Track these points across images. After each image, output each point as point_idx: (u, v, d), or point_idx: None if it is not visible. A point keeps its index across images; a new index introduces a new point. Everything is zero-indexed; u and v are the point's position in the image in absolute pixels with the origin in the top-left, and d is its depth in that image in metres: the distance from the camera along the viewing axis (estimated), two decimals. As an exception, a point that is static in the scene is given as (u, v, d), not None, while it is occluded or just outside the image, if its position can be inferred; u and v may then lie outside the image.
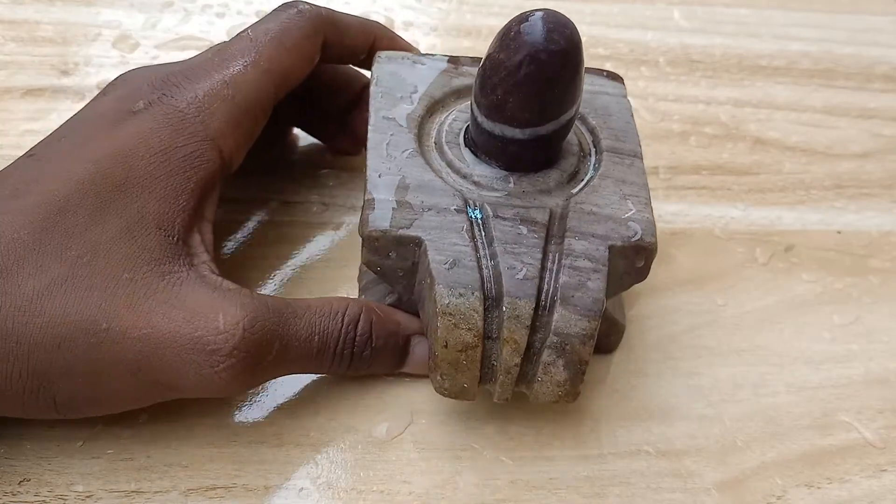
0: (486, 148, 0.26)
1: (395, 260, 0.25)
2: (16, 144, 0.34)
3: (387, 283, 0.26)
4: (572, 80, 0.24)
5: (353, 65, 0.31)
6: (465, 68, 0.29)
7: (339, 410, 0.27)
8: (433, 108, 0.28)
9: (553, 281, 0.24)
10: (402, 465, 0.27)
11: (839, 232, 0.36)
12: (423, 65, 0.29)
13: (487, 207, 0.25)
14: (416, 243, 0.24)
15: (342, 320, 0.25)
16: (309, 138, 0.35)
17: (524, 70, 0.23)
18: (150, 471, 0.25)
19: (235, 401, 0.27)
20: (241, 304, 0.23)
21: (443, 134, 0.27)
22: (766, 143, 0.39)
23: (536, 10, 0.23)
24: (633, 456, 0.27)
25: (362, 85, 0.32)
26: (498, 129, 0.25)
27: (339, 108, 0.32)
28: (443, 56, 0.29)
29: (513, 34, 0.23)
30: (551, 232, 0.25)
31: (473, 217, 0.25)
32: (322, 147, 0.35)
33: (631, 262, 0.25)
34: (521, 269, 0.24)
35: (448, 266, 0.24)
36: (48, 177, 0.24)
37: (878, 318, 0.33)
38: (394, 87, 0.28)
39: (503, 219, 0.25)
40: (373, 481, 0.26)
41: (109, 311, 0.22)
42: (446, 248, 0.24)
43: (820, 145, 0.39)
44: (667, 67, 0.43)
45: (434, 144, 0.27)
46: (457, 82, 0.29)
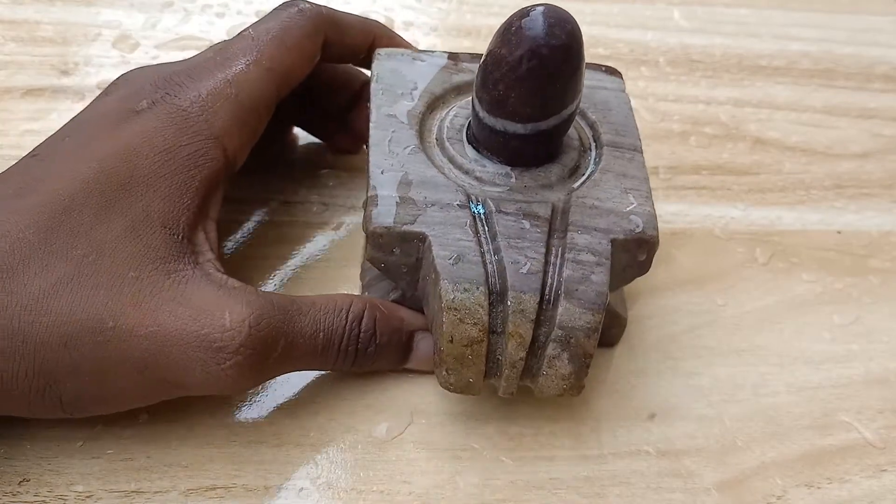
0: (487, 143, 0.26)
1: (399, 256, 0.25)
2: (16, 144, 0.34)
3: (390, 279, 0.26)
4: (573, 75, 0.24)
5: (353, 64, 0.31)
6: (465, 65, 0.29)
7: (339, 410, 0.27)
8: (434, 104, 0.28)
9: (557, 275, 0.24)
10: (402, 465, 0.26)
11: (839, 232, 0.36)
12: (423, 61, 0.29)
13: (490, 203, 0.25)
14: (420, 239, 0.24)
15: (346, 317, 0.25)
16: (309, 138, 0.35)
17: (525, 65, 0.23)
18: (149, 471, 0.25)
19: (235, 401, 0.27)
20: (246, 302, 0.23)
21: (444, 130, 0.27)
22: (766, 143, 0.39)
23: (537, 5, 0.23)
24: (633, 456, 0.27)
25: (362, 83, 0.32)
26: (500, 124, 0.25)
27: (339, 107, 0.32)
28: (442, 53, 0.29)
29: (514, 29, 0.23)
30: (554, 226, 0.25)
31: (476, 212, 0.25)
32: (322, 147, 0.35)
33: (633, 256, 0.25)
34: (525, 263, 0.24)
35: (452, 261, 0.24)
36: (53, 176, 0.24)
37: (878, 318, 0.32)
38: (394, 84, 0.28)
39: (506, 214, 0.25)
40: (373, 481, 0.26)
41: (115, 309, 0.22)
42: (450, 244, 0.24)
43: (820, 145, 0.39)
44: (667, 67, 0.43)
45: (435, 140, 0.27)
46: (457, 78, 0.29)
